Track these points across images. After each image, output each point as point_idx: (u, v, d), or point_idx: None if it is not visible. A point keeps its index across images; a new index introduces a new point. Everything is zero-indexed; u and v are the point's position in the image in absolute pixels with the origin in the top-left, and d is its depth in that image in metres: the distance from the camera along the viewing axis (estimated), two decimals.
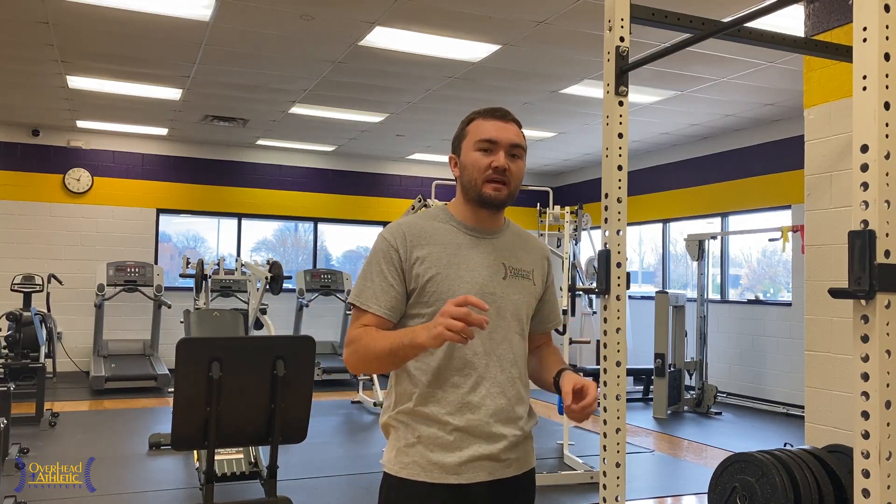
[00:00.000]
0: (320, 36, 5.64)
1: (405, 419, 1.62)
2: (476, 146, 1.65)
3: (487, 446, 1.59)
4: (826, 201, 3.76)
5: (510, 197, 1.67)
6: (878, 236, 1.43)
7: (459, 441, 1.58)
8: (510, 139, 1.65)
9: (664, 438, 6.49)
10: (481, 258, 1.66)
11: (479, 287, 1.62)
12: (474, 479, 1.59)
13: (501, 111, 1.69)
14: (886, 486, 1.42)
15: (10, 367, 6.19)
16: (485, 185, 1.64)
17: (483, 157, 1.64)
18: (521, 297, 1.68)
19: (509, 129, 1.66)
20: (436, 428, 1.59)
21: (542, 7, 4.95)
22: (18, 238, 9.07)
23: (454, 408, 1.58)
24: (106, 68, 6.64)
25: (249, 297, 7.11)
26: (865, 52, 1.48)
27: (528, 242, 1.78)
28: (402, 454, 1.62)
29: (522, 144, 1.68)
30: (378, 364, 1.58)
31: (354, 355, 1.60)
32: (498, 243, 1.70)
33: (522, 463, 1.68)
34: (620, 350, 2.23)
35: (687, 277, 9.66)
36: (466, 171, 1.66)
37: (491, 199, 1.64)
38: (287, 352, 3.27)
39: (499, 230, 1.72)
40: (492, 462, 1.60)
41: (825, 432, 3.68)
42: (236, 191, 10.19)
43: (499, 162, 1.62)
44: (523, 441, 1.68)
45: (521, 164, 1.68)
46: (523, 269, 1.70)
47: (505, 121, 1.67)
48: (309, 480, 4.85)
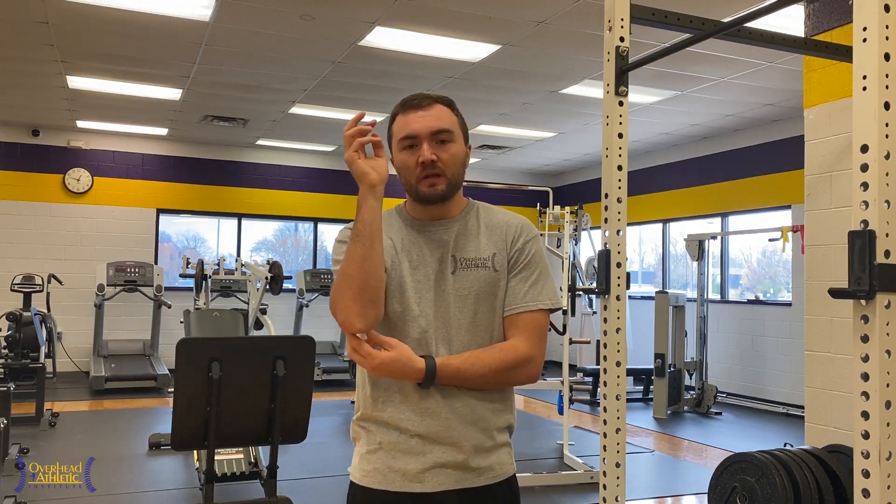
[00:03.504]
0: (320, 36, 5.64)
1: (366, 424, 1.57)
2: (400, 146, 1.56)
3: (452, 453, 1.50)
4: (826, 201, 3.76)
5: (452, 185, 1.56)
6: (878, 236, 1.43)
7: (421, 446, 1.50)
8: (430, 127, 1.53)
9: (664, 438, 6.49)
10: (428, 254, 1.57)
11: (429, 285, 1.55)
12: (439, 486, 1.50)
13: (418, 98, 1.57)
14: (886, 487, 1.42)
15: (10, 367, 6.19)
16: (420, 184, 1.54)
17: (409, 155, 1.54)
18: (475, 289, 1.54)
19: (428, 116, 1.54)
20: (397, 433, 1.52)
21: (542, 7, 4.95)
22: (18, 238, 9.07)
23: (414, 412, 1.50)
24: (106, 68, 6.64)
25: (249, 297, 7.11)
26: (865, 52, 1.48)
27: (492, 223, 1.62)
28: (364, 461, 1.56)
29: (447, 127, 1.54)
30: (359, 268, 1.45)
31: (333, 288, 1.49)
32: (449, 235, 1.58)
33: (497, 471, 1.56)
34: (620, 350, 2.23)
35: (687, 277, 9.66)
36: (401, 173, 1.58)
37: (428, 196, 1.55)
38: (287, 352, 3.26)
39: (453, 219, 1.60)
40: (458, 470, 1.51)
41: (825, 432, 3.68)
42: (236, 191, 10.19)
43: (424, 156, 1.52)
44: (496, 448, 1.56)
45: (454, 147, 1.55)
46: (479, 257, 1.57)
47: (422, 108, 1.55)
48: (309, 480, 4.84)
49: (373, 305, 1.47)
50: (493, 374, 1.51)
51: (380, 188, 1.49)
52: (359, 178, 1.48)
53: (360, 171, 1.48)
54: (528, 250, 1.59)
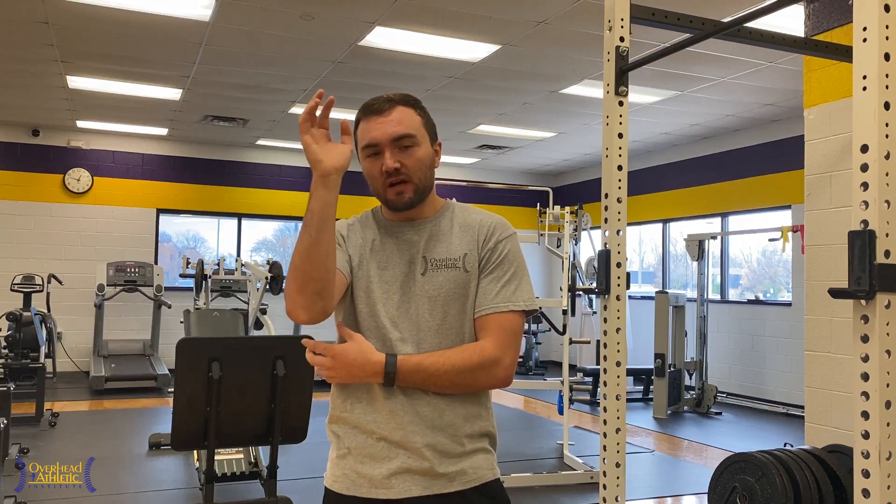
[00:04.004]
0: (320, 36, 5.64)
1: (336, 428, 1.54)
2: (364, 154, 1.53)
3: (417, 458, 1.45)
4: (826, 201, 3.77)
5: (420, 190, 1.52)
6: (878, 236, 1.43)
7: (386, 451, 1.46)
8: (391, 133, 1.49)
9: (664, 438, 6.49)
10: (397, 256, 1.54)
11: (395, 287, 1.52)
12: (406, 493, 1.45)
13: (378, 102, 1.52)
14: (886, 486, 1.42)
15: (10, 367, 6.19)
16: (387, 192, 1.51)
17: (373, 163, 1.52)
18: (444, 290, 1.50)
19: (389, 122, 1.49)
20: (363, 437, 1.49)
21: (542, 7, 4.95)
22: (18, 238, 9.07)
23: (380, 415, 1.47)
24: (106, 68, 6.64)
25: (249, 297, 7.11)
26: (865, 52, 1.48)
27: (466, 223, 1.57)
28: (335, 465, 1.54)
29: (408, 132, 1.50)
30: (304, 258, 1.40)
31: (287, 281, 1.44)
32: (420, 236, 1.55)
33: (470, 476, 1.49)
34: (620, 350, 2.23)
35: (687, 277, 9.66)
36: (369, 181, 1.54)
37: (396, 204, 1.52)
38: (287, 352, 3.27)
39: (426, 220, 1.57)
40: (426, 476, 1.46)
41: (825, 432, 3.68)
42: (236, 191, 10.19)
43: (387, 165, 1.49)
44: (469, 453, 1.50)
45: (418, 151, 1.51)
46: (449, 257, 1.52)
47: (381, 113, 1.50)
48: (309, 480, 4.84)
49: (318, 297, 1.41)
50: (456, 374, 1.44)
51: (334, 178, 1.42)
52: (312, 165, 1.41)
53: (312, 158, 1.41)
54: (500, 250, 1.53)
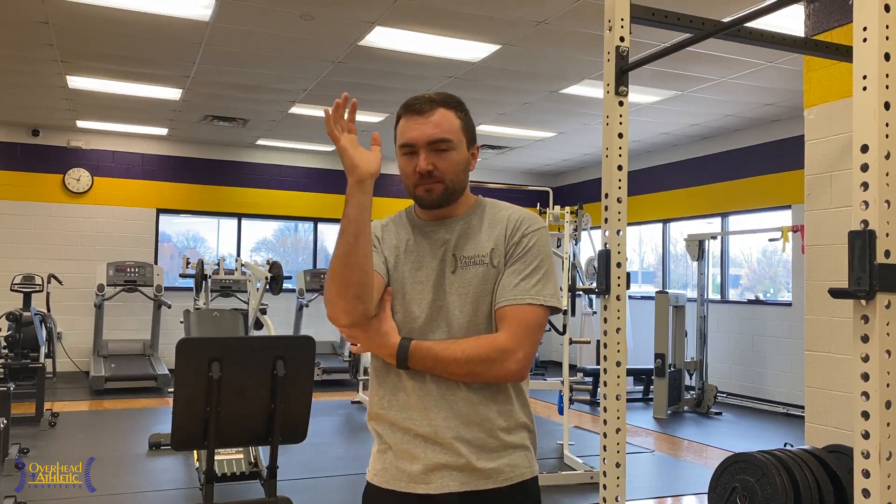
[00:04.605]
0: (320, 36, 5.64)
1: (375, 425, 1.59)
2: (400, 151, 1.56)
3: (453, 454, 1.49)
4: (826, 201, 3.77)
5: (449, 192, 1.54)
6: (878, 236, 1.43)
7: (423, 447, 1.50)
8: (427, 136, 1.51)
9: (664, 438, 6.49)
10: (430, 255, 1.57)
11: (429, 286, 1.55)
12: (444, 488, 1.48)
13: (419, 102, 1.54)
14: (886, 487, 1.42)
15: (10, 367, 6.19)
16: (416, 190, 1.55)
17: (407, 162, 1.54)
18: (473, 286, 1.52)
19: (427, 124, 1.51)
20: (401, 434, 1.52)
21: (542, 7, 4.95)
22: (18, 238, 9.07)
23: (414, 412, 1.51)
24: (106, 68, 6.64)
25: (249, 297, 7.11)
26: (865, 52, 1.48)
27: (494, 218, 1.59)
28: (376, 460, 1.58)
29: (445, 136, 1.52)
30: (343, 264, 1.43)
31: (327, 287, 1.48)
32: (451, 234, 1.57)
33: (508, 474, 1.52)
34: (620, 350, 2.23)
35: (687, 277, 9.66)
36: (402, 177, 1.58)
37: (425, 201, 1.55)
38: (287, 352, 3.27)
39: (456, 218, 1.59)
40: (462, 472, 1.49)
41: (825, 432, 3.68)
42: (236, 191, 10.19)
43: (420, 167, 1.51)
44: (505, 450, 1.52)
45: (454, 155, 1.53)
46: (478, 254, 1.54)
47: (422, 114, 1.52)
48: (309, 480, 4.85)
49: (358, 301, 1.45)
50: (466, 362, 1.45)
51: (369, 182, 1.45)
52: (348, 171, 1.45)
53: (349, 164, 1.44)
54: (525, 243, 1.54)
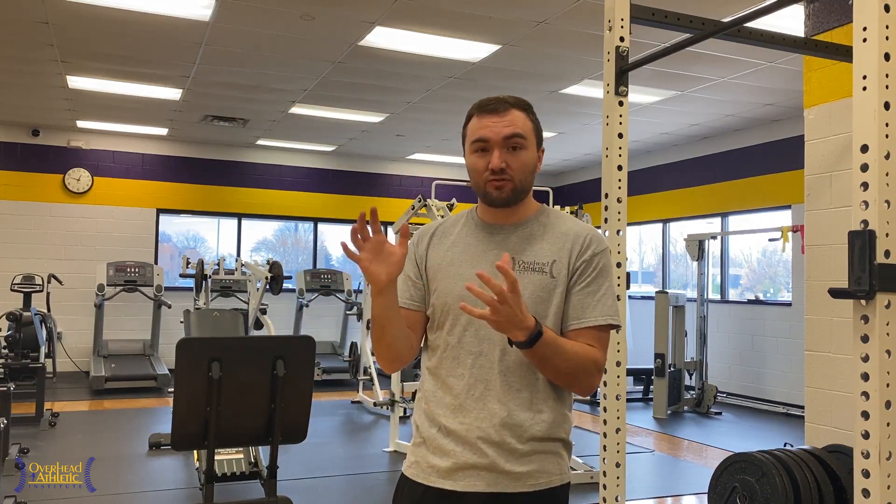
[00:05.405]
0: (320, 36, 5.64)
1: (416, 417, 1.65)
2: (472, 148, 1.60)
3: (480, 455, 1.51)
4: (826, 201, 3.77)
5: (518, 191, 1.59)
6: (878, 236, 1.43)
7: (453, 445, 1.53)
8: (503, 133, 1.56)
9: (664, 438, 6.49)
10: (489, 254, 1.59)
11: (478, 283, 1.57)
12: (471, 487, 1.51)
13: (494, 103, 1.60)
14: (886, 486, 1.42)
15: (10, 367, 6.19)
16: (487, 186, 1.58)
17: (480, 159, 1.58)
18: (528, 292, 1.53)
19: (502, 122, 1.57)
20: (435, 429, 1.56)
21: (542, 7, 4.95)
22: (18, 238, 9.07)
23: (450, 410, 1.55)
24: (106, 68, 6.64)
25: (249, 297, 7.11)
26: (865, 52, 1.48)
27: (558, 230, 1.61)
28: (411, 452, 1.63)
29: (520, 133, 1.58)
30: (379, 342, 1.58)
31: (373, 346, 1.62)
32: (514, 237, 1.61)
33: (536, 480, 1.52)
34: (620, 350, 2.23)
35: (687, 277, 9.66)
36: (471, 174, 1.62)
37: (494, 199, 1.59)
38: (287, 352, 3.27)
39: (520, 223, 1.63)
40: (491, 473, 1.51)
41: (825, 432, 3.68)
42: (236, 191, 10.19)
43: (493, 164, 1.55)
44: (535, 454, 1.53)
45: (525, 154, 1.59)
46: (537, 261, 1.57)
47: (497, 113, 1.58)
48: (309, 480, 4.85)
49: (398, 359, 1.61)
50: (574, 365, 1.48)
51: (388, 288, 1.52)
52: (369, 282, 1.52)
53: (370, 278, 1.51)
54: (596, 263, 1.58)
